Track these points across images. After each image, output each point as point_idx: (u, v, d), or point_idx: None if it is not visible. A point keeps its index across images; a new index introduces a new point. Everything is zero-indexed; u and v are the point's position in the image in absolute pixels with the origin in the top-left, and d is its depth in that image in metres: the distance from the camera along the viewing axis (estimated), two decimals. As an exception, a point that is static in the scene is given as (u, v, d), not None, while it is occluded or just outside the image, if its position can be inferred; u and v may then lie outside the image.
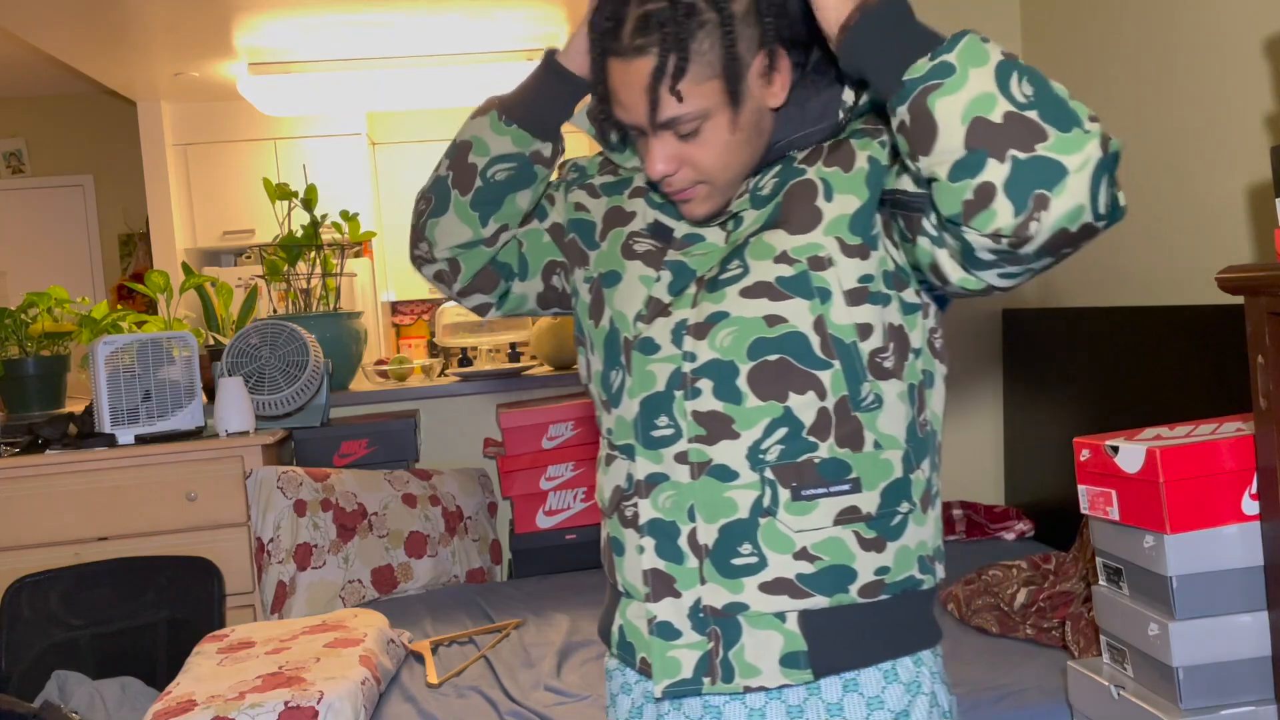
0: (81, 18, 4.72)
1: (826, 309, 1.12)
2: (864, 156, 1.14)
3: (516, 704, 2.16)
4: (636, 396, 1.17)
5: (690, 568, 1.15)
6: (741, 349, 1.13)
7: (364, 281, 6.49)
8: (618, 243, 1.24)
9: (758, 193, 1.18)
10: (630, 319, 1.19)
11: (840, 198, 1.13)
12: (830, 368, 1.12)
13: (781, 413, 1.12)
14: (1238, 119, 2.30)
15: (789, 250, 1.13)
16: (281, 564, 2.86)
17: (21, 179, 7.11)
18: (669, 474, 1.16)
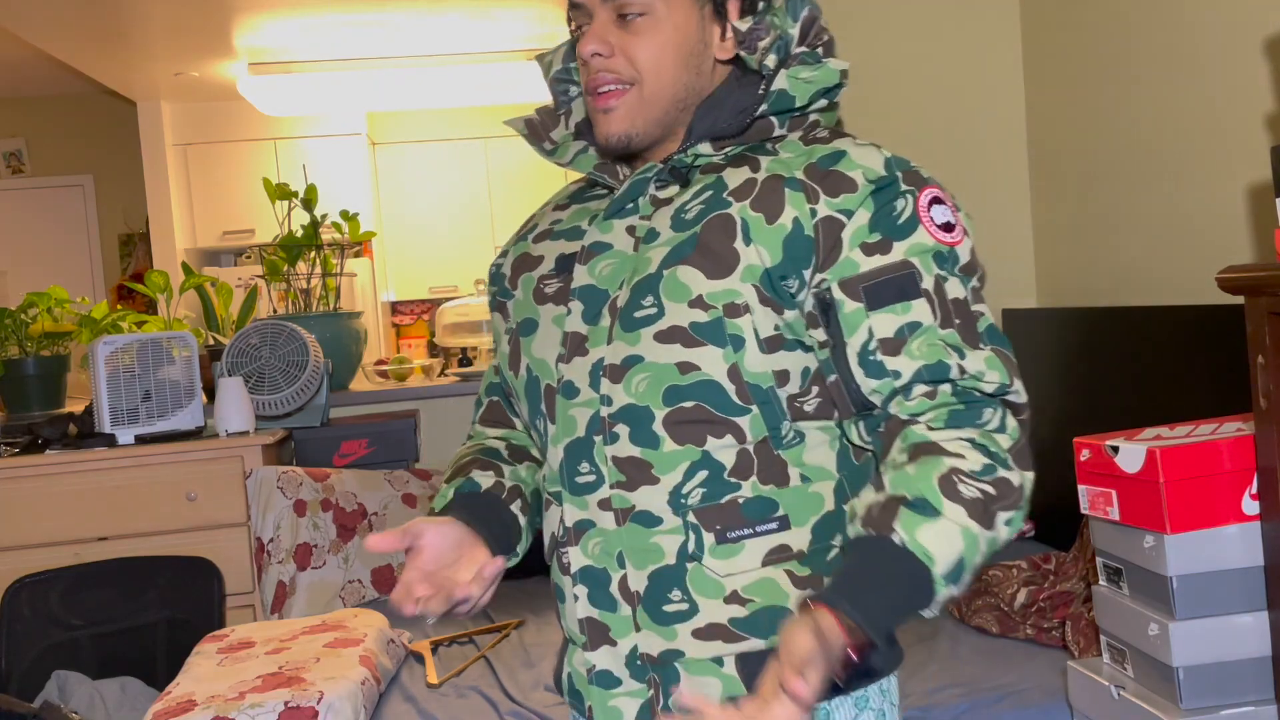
0: (81, 18, 4.72)
1: (740, 357, 1.08)
2: (790, 215, 1.08)
3: (516, 704, 2.16)
4: (560, 443, 1.15)
5: (624, 615, 1.13)
6: (656, 395, 1.09)
7: (364, 281, 6.50)
8: (529, 289, 1.21)
9: (682, 214, 1.13)
10: (552, 363, 1.16)
11: (757, 247, 1.08)
12: (748, 413, 1.09)
13: (700, 456, 1.10)
14: (1238, 119, 2.30)
15: (705, 295, 1.08)
16: (281, 564, 2.87)
17: (21, 179, 7.11)
18: (595, 520, 1.14)
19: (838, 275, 1.07)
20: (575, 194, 1.28)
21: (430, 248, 7.09)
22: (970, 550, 1.01)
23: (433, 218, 7.10)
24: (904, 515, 1.00)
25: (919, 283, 1.07)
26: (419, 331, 7.19)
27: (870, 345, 1.06)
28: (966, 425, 1.04)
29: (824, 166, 1.10)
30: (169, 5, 4.66)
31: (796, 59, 1.15)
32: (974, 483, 1.01)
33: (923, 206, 1.09)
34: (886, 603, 0.97)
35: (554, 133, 1.27)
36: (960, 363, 1.05)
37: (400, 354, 6.68)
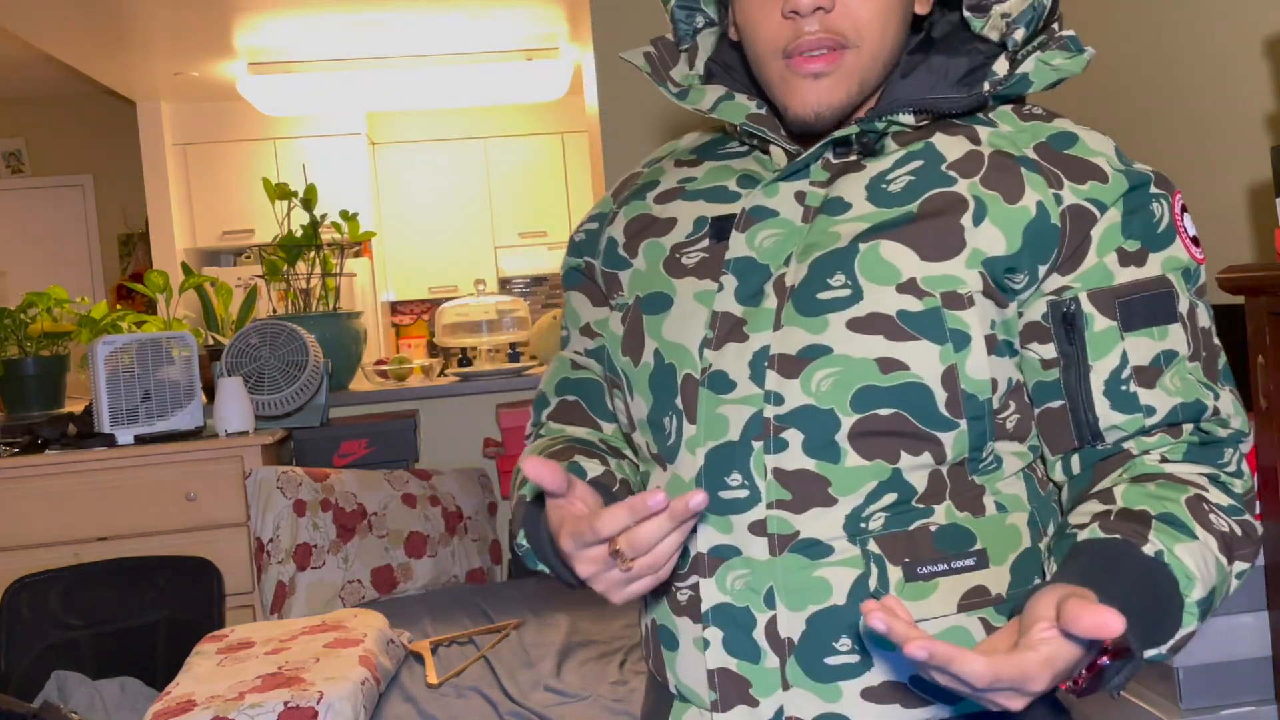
0: (81, 18, 4.72)
1: (962, 358, 0.88)
2: (1033, 198, 0.90)
3: (516, 704, 2.16)
4: (701, 448, 0.92)
5: (769, 668, 0.91)
6: (845, 397, 0.88)
7: (364, 281, 6.50)
8: (659, 258, 1.00)
9: (882, 185, 0.93)
10: (694, 350, 0.94)
11: (990, 230, 0.90)
12: (955, 428, 0.89)
13: (890, 475, 0.89)
14: (1238, 119, 2.30)
15: (919, 279, 0.89)
16: (281, 564, 2.86)
17: (21, 179, 7.11)
18: (740, 547, 0.91)
19: (1088, 284, 0.90)
20: (703, 148, 1.08)
21: (430, 248, 7.09)
22: (1221, 587, 0.85)
23: (432, 218, 7.10)
24: (1157, 527, 0.82)
25: (1176, 304, 0.90)
26: (419, 331, 7.20)
27: (1123, 373, 0.89)
28: (1206, 463, 0.90)
29: (1057, 148, 0.93)
30: (169, 5, 4.66)
31: (1059, 41, 0.95)
32: (1222, 516, 0.87)
33: (1178, 214, 0.93)
34: (1142, 615, 0.79)
35: (674, 71, 1.06)
36: (1215, 403, 0.90)
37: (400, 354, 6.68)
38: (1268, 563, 1.62)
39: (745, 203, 0.97)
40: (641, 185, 1.07)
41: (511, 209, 7.14)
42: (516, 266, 7.15)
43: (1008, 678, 0.68)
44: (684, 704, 0.97)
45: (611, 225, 1.07)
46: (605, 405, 1.10)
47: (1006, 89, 0.94)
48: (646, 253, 1.01)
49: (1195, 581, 0.81)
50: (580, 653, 2.46)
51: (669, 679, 0.97)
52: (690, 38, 1.07)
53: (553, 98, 6.41)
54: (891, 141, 0.96)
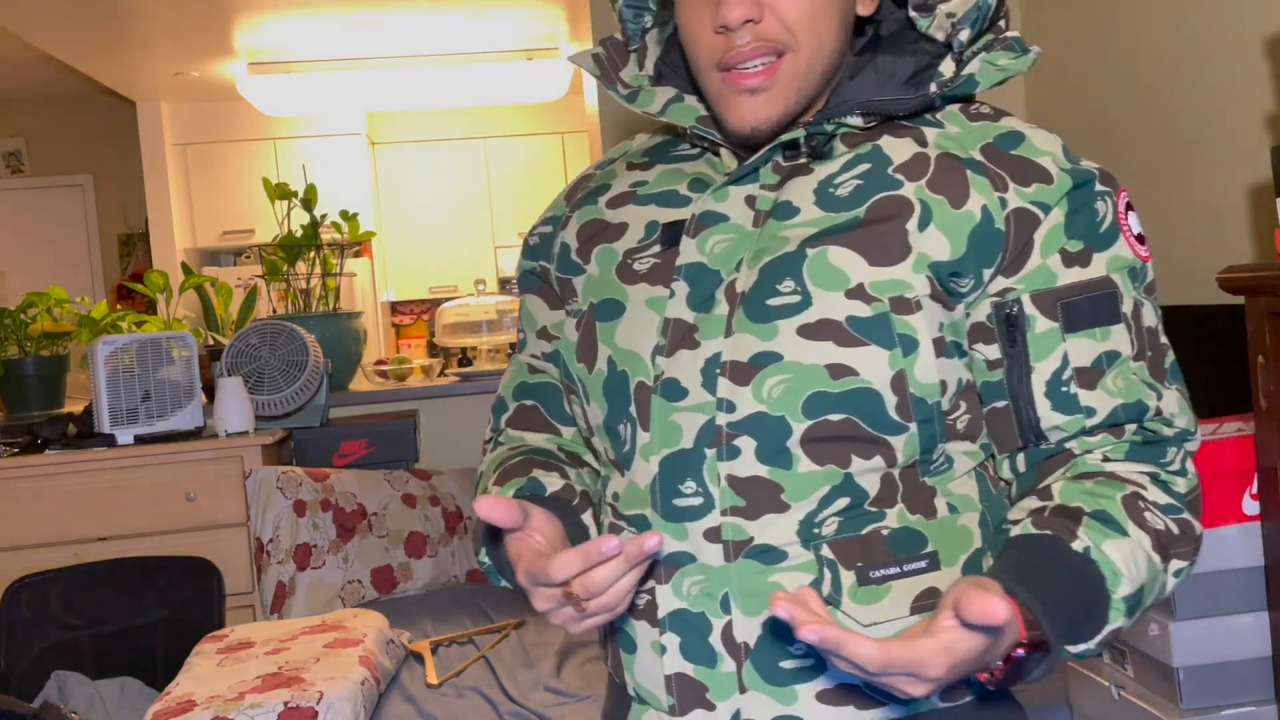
0: (81, 18, 4.72)
1: (911, 363, 0.89)
2: (979, 201, 0.90)
3: (516, 704, 2.16)
4: (655, 455, 0.92)
5: (726, 672, 0.92)
6: (796, 404, 0.89)
7: (364, 281, 6.50)
8: (611, 264, 0.99)
9: (830, 189, 0.93)
10: (647, 357, 0.94)
11: (936, 234, 0.90)
12: (904, 431, 0.90)
13: (841, 479, 0.90)
14: (1238, 119, 2.30)
15: (867, 284, 0.89)
16: (281, 564, 2.86)
17: (21, 179, 7.11)
18: (696, 554, 0.91)
19: (1030, 286, 0.90)
20: (655, 150, 1.07)
21: (430, 248, 7.09)
22: (1152, 585, 0.86)
23: (432, 218, 7.10)
24: (1088, 524, 0.84)
25: (1119, 305, 0.91)
26: (419, 331, 7.20)
27: (1064, 374, 0.90)
28: (1148, 461, 0.91)
29: (1004, 149, 0.92)
30: (169, 5, 4.66)
31: (1003, 42, 0.95)
32: (1159, 514, 0.88)
33: (1121, 212, 0.93)
34: (1063, 608, 0.80)
35: (624, 72, 1.04)
36: (1158, 403, 0.91)
37: (400, 354, 6.68)
38: (1268, 563, 1.62)
39: (695, 208, 0.96)
40: (594, 189, 1.06)
41: (511, 209, 7.14)
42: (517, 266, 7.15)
43: (900, 662, 0.70)
44: (642, 706, 0.98)
45: (564, 230, 1.06)
46: (563, 409, 1.10)
47: (953, 90, 0.94)
48: (599, 258, 1.01)
49: (1122, 578, 0.83)
50: (580, 653, 2.46)
51: (627, 681, 0.98)
52: (639, 38, 1.05)
53: (553, 98, 6.41)
54: (840, 144, 0.96)
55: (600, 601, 0.83)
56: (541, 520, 0.89)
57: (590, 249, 1.02)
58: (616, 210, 1.02)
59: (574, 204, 1.07)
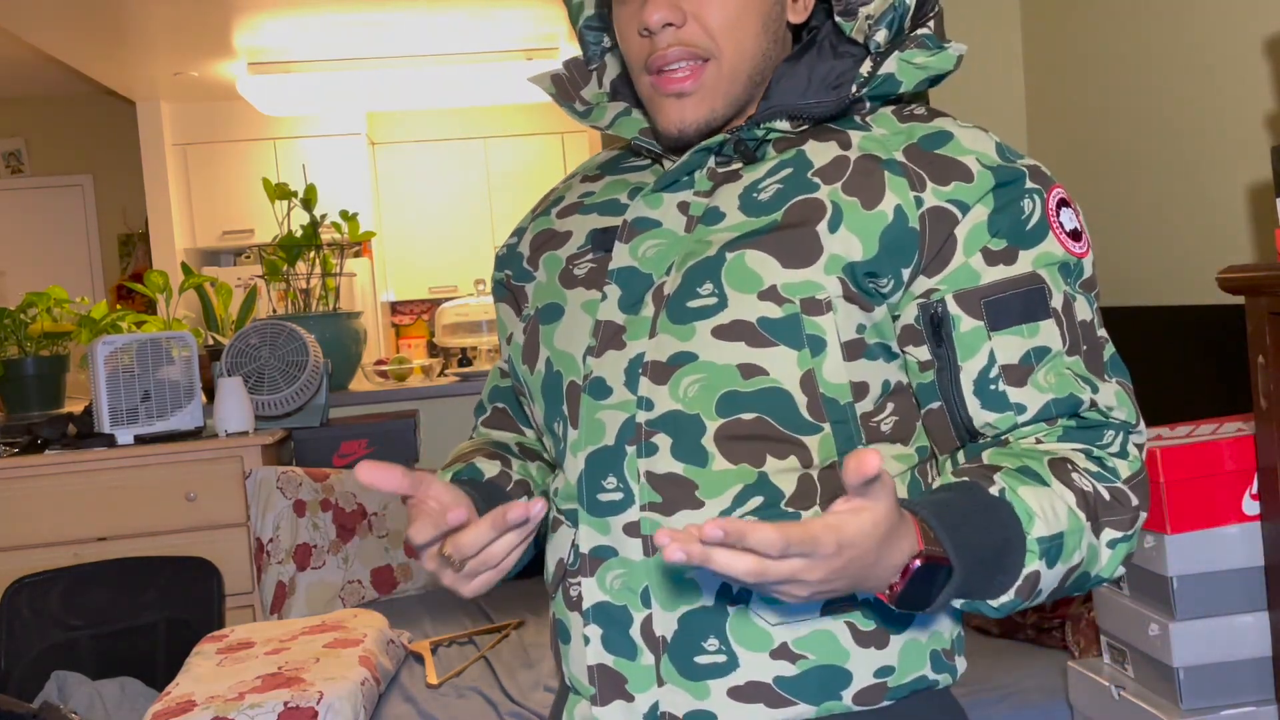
0: (81, 18, 4.72)
1: (819, 363, 0.90)
2: (891, 202, 0.91)
3: (516, 704, 2.16)
4: (581, 451, 0.95)
5: (645, 665, 0.94)
6: (710, 402, 0.91)
7: (364, 281, 6.50)
8: (555, 270, 1.03)
9: (754, 194, 0.95)
10: (578, 357, 0.97)
11: (846, 235, 0.91)
12: (818, 432, 0.91)
13: (755, 479, 0.91)
14: (1238, 119, 2.30)
15: (779, 286, 0.90)
16: (281, 564, 2.86)
17: (21, 179, 7.11)
18: (617, 548, 0.94)
19: (953, 285, 0.91)
20: (608, 164, 1.10)
21: (430, 248, 7.09)
22: (1073, 538, 0.86)
23: (432, 218, 7.10)
24: (1006, 472, 0.86)
25: (1048, 300, 0.91)
26: (419, 331, 7.20)
27: (991, 372, 0.90)
28: (1082, 441, 0.91)
29: (928, 148, 0.93)
30: (169, 5, 4.66)
31: (915, 40, 0.97)
32: (1088, 478, 0.88)
33: (1051, 209, 0.93)
34: (972, 538, 0.81)
35: (584, 91, 1.09)
36: (1092, 396, 0.90)
37: (400, 354, 6.68)
38: (1268, 563, 1.62)
39: (629, 214, 0.99)
40: (552, 201, 1.10)
41: (511, 209, 7.14)
42: (516, 266, 7.16)
43: (796, 541, 0.70)
44: (576, 696, 1.00)
45: (523, 240, 1.10)
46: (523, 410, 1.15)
47: (874, 90, 0.96)
48: (546, 265, 1.05)
49: (1035, 518, 0.83)
50: (580, 653, 2.46)
51: (564, 672, 1.01)
52: (599, 58, 1.10)
53: (553, 98, 6.41)
54: (771, 149, 0.98)
55: (475, 562, 0.88)
56: (440, 490, 0.90)
57: (539, 256, 1.06)
58: (564, 219, 1.06)
59: (534, 215, 1.11)
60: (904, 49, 0.96)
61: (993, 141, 0.94)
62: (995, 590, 0.84)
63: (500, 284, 1.13)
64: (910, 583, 0.78)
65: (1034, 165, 0.94)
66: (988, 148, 0.93)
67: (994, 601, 0.84)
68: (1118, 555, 0.89)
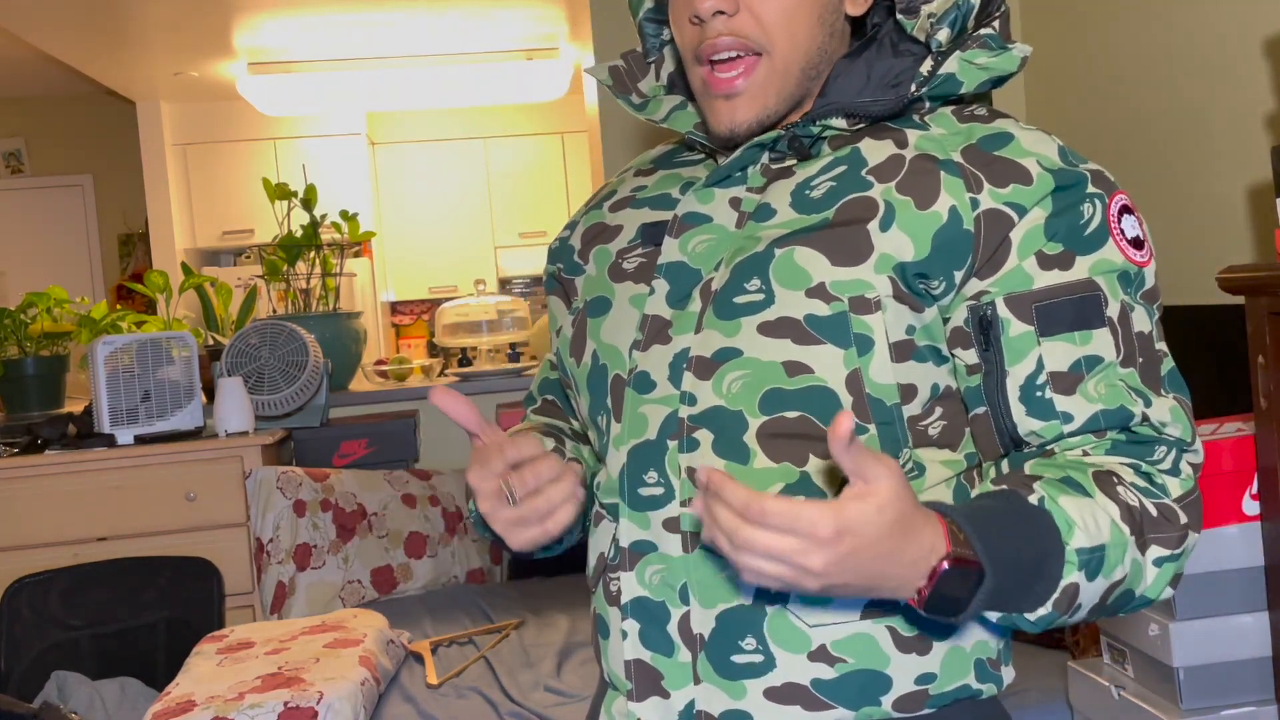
0: (81, 18, 4.72)
1: (865, 363, 0.88)
2: (946, 203, 0.89)
3: (516, 704, 2.16)
4: (624, 445, 0.95)
5: (681, 662, 0.93)
6: (753, 399, 0.90)
7: (364, 281, 6.50)
8: (604, 263, 1.03)
9: (806, 191, 0.93)
10: (625, 351, 0.97)
11: (898, 235, 0.89)
12: (863, 433, 0.89)
13: (798, 478, 0.90)
14: (1238, 119, 2.30)
15: (828, 283, 0.89)
16: (281, 564, 2.86)
17: (21, 179, 7.11)
18: (657, 543, 0.93)
19: (1005, 289, 0.89)
20: (662, 158, 1.10)
21: (430, 248, 7.09)
22: (1115, 551, 0.83)
23: (432, 218, 7.10)
24: (1047, 481, 0.84)
25: (1103, 309, 0.88)
26: (419, 331, 7.20)
27: (1038, 379, 0.88)
28: (1132, 455, 0.88)
29: (987, 150, 0.91)
30: (169, 5, 4.66)
31: (977, 40, 0.94)
32: (1134, 493, 0.86)
33: (1112, 215, 0.90)
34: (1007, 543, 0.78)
35: (642, 84, 1.08)
36: (1145, 410, 0.87)
37: (400, 354, 6.68)
38: (1268, 563, 1.62)
39: (679, 209, 0.99)
40: (604, 195, 1.10)
41: (511, 209, 7.14)
42: (516, 266, 7.15)
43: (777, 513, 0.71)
44: (614, 692, 0.99)
45: (574, 234, 1.10)
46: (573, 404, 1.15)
47: (934, 90, 0.94)
48: (596, 259, 1.04)
49: (1075, 528, 0.81)
50: (580, 653, 2.46)
51: (603, 667, 1.00)
52: (658, 50, 1.09)
53: (553, 98, 6.41)
54: (826, 146, 0.97)
55: (528, 507, 0.90)
56: (499, 435, 0.93)
57: (589, 250, 1.05)
58: (616, 213, 1.05)
59: (587, 209, 1.11)
60: (966, 49, 0.94)
61: (1055, 144, 0.92)
62: (1032, 601, 0.81)
63: (552, 277, 1.13)
64: (938, 586, 0.76)
65: (1097, 170, 0.92)
66: (1049, 150, 0.91)
67: (1031, 615, 0.82)
68: (1164, 575, 0.86)
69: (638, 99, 1.07)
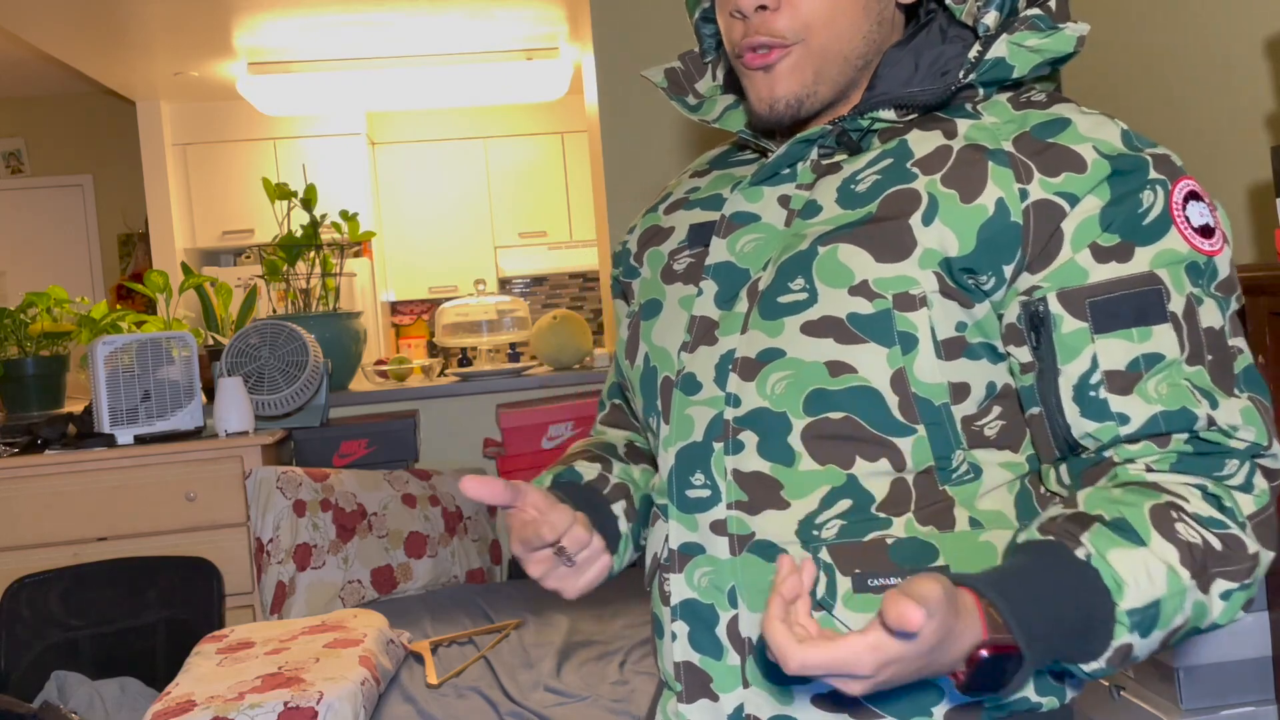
0: (81, 18, 4.72)
1: (910, 361, 0.86)
2: (993, 195, 0.86)
3: (516, 704, 2.16)
4: (672, 447, 0.95)
5: (730, 665, 0.92)
6: (797, 400, 0.88)
7: (363, 281, 6.49)
8: (658, 266, 1.03)
9: (851, 186, 0.92)
10: (674, 352, 0.97)
11: (941, 229, 0.86)
12: (911, 434, 0.87)
13: (844, 480, 0.88)
14: (1238, 119, 2.30)
15: (871, 281, 0.87)
16: (281, 564, 2.86)
17: (21, 179, 7.11)
18: (705, 545, 0.93)
19: (1058, 283, 0.85)
20: (718, 158, 1.09)
21: (430, 248, 7.09)
22: (1173, 602, 0.78)
23: (432, 218, 7.10)
24: (1097, 530, 0.79)
25: (1165, 303, 0.83)
26: (418, 331, 7.19)
27: (1092, 378, 0.83)
28: (1199, 473, 0.82)
29: (1041, 137, 0.87)
30: (169, 5, 4.66)
31: (1025, 21, 0.91)
32: (1196, 527, 0.80)
33: (1176, 203, 0.85)
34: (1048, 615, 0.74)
35: (699, 84, 1.08)
36: (1210, 412, 0.82)
37: (400, 354, 6.68)
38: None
39: (725, 208, 0.98)
40: (662, 197, 1.11)
41: (511, 209, 7.14)
42: (516, 266, 7.15)
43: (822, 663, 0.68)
44: (669, 692, 0.98)
45: (633, 237, 1.11)
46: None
47: (984, 75, 0.91)
48: (649, 261, 1.05)
49: (1126, 588, 0.77)
50: (580, 653, 2.46)
51: (659, 666, 1.00)
52: (714, 50, 1.08)
53: (553, 98, 6.41)
54: (875, 139, 0.95)
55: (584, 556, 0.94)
56: (536, 497, 0.92)
57: (644, 253, 1.06)
58: (670, 215, 1.06)
59: (645, 211, 1.12)
60: (1014, 31, 0.90)
61: (1119, 129, 0.87)
62: (1084, 656, 0.78)
63: (616, 280, 1.14)
64: (977, 673, 0.73)
65: (1162, 154, 0.87)
66: (1110, 135, 0.87)
67: (1086, 667, 0.79)
68: (1234, 604, 0.81)
69: (693, 99, 1.06)
